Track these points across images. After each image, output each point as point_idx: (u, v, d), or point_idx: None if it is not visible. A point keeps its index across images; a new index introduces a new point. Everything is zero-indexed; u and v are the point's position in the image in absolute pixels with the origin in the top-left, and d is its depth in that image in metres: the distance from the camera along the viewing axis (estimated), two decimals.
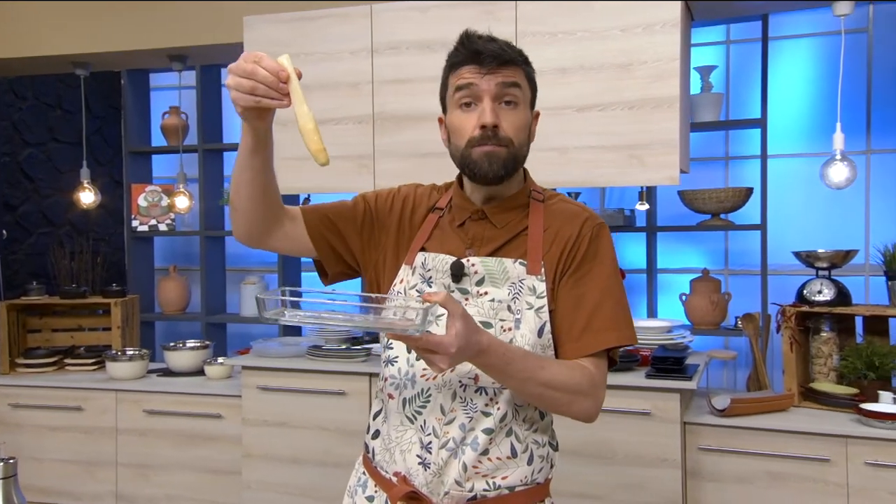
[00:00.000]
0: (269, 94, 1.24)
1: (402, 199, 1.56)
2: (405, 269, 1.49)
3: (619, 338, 1.39)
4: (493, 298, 1.39)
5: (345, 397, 3.11)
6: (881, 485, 2.54)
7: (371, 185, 3.21)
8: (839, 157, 2.78)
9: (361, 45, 3.18)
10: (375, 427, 1.52)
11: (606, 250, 1.42)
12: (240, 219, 1.45)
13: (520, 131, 1.40)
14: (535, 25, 2.93)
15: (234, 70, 1.24)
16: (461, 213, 1.48)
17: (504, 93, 1.38)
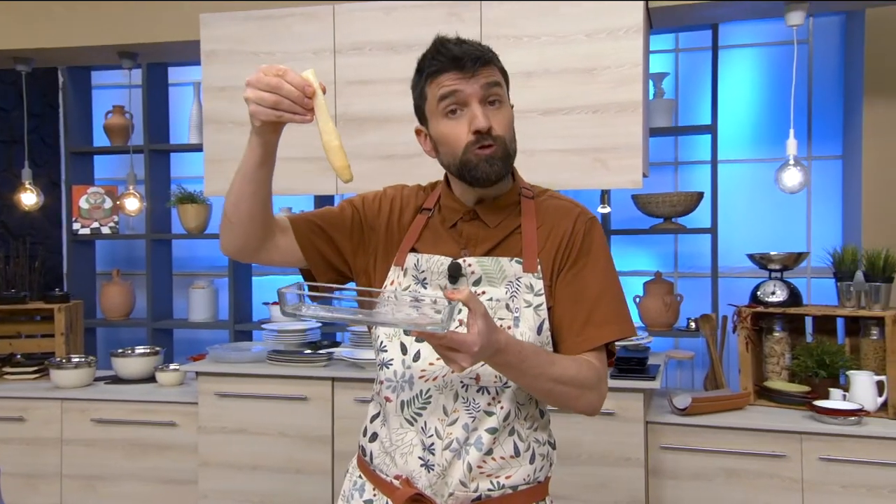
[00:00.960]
0: (293, 109, 1.24)
1: (390, 201, 1.54)
2: (395, 270, 1.47)
3: (620, 331, 1.40)
4: (491, 298, 1.39)
5: (306, 402, 3.06)
6: (834, 479, 2.64)
7: (334, 188, 3.18)
8: (792, 162, 2.88)
9: (324, 45, 3.14)
10: (373, 430, 1.50)
11: (600, 244, 1.44)
12: (235, 233, 1.41)
13: (508, 128, 1.40)
14: (501, 28, 2.95)
15: (256, 84, 1.23)
16: (452, 213, 1.47)
17: (489, 93, 1.37)
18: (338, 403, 3.04)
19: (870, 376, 2.74)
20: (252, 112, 1.25)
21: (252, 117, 1.26)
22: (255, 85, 1.23)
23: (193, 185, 4.26)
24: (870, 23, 3.40)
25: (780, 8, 2.89)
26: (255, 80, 1.23)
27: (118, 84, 4.59)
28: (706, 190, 3.57)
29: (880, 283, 2.79)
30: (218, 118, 3.27)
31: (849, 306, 2.85)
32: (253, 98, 1.23)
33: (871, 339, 2.84)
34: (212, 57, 3.26)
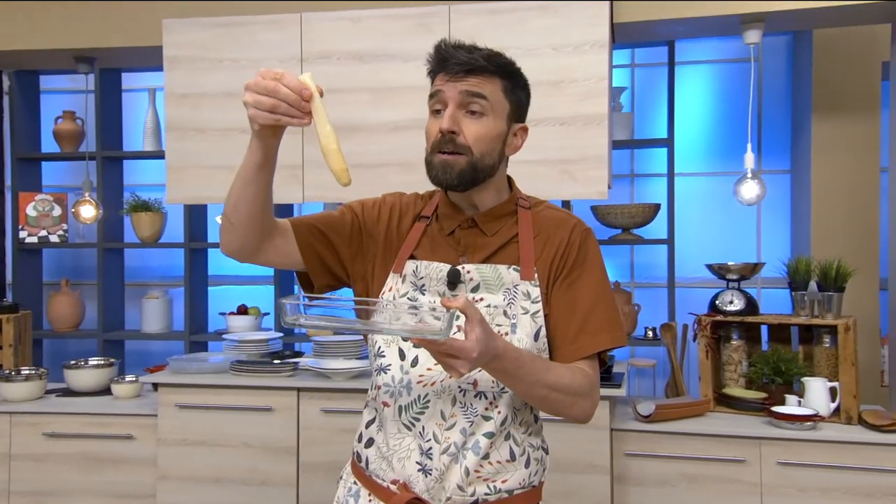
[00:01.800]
0: (291, 113, 1.24)
1: (389, 208, 1.55)
2: (393, 277, 1.48)
3: (613, 339, 1.43)
4: (489, 304, 1.41)
5: (271, 413, 3.02)
6: (791, 482, 2.72)
7: (300, 197, 3.15)
8: (750, 176, 2.98)
9: (291, 53, 3.13)
10: (369, 436, 1.50)
11: (595, 255, 1.47)
12: (234, 234, 1.40)
13: (481, 141, 1.39)
14: (469, 40, 2.96)
15: (253, 87, 1.23)
16: (450, 221, 1.49)
17: (468, 101, 1.38)
18: (303, 414, 3.01)
19: (823, 383, 2.83)
20: (251, 116, 1.25)
21: (251, 121, 1.26)
22: (253, 89, 1.23)
23: (148, 192, 4.18)
24: (817, 44, 3.55)
25: (736, 26, 2.99)
26: (252, 84, 1.23)
27: (68, 89, 4.47)
28: (663, 202, 3.65)
29: (832, 293, 2.90)
30: (180, 125, 3.23)
31: (803, 315, 2.95)
32: (251, 102, 1.24)
33: (823, 347, 2.95)
34: (175, 63, 3.21)
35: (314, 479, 2.99)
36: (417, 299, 1.44)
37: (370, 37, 3.07)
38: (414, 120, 3.03)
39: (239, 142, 3.16)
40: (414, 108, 3.02)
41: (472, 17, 2.99)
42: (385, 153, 3.05)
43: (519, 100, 1.46)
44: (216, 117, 3.18)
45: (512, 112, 1.45)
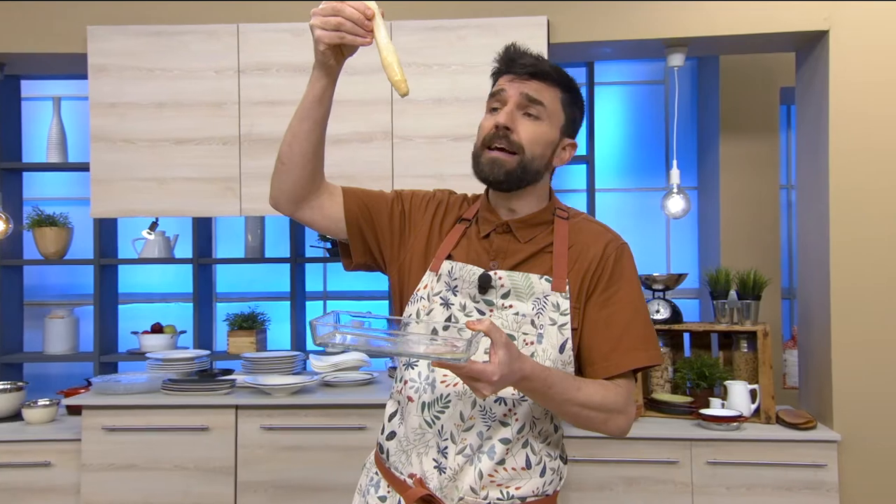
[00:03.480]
0: (355, 31, 1.31)
1: (437, 204, 1.58)
2: (430, 275, 1.51)
3: (648, 357, 1.45)
4: (518, 312, 1.44)
5: (207, 433, 2.94)
6: (720, 481, 2.89)
7: (237, 210, 3.10)
8: (676, 191, 3.16)
9: (227, 64, 3.08)
10: (391, 428, 1.52)
11: (631, 270, 1.49)
12: (286, 176, 1.46)
13: (534, 143, 1.44)
14: (410, 56, 3.03)
15: (320, 11, 1.30)
16: (486, 224, 1.52)
17: (528, 105, 1.44)
18: (242, 432, 2.95)
19: (744, 385, 3.03)
20: (317, 37, 1.31)
21: (316, 43, 1.32)
22: (320, 13, 1.30)
23: (51, 207, 3.97)
24: (724, 69, 3.81)
25: (660, 50, 3.18)
26: (319, 9, 1.30)
27: None
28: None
29: (751, 301, 3.12)
30: (107, 136, 3.11)
31: (724, 322, 3.16)
32: (317, 24, 1.30)
33: (742, 352, 3.16)
34: (101, 71, 3.10)
35: (253, 499, 2.93)
36: (449, 299, 1.47)
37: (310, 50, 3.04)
38: (356, 133, 3.05)
39: (172, 154, 3.09)
40: (356, 121, 3.03)
41: (415, 33, 3.05)
42: (327, 166, 3.01)
43: (574, 115, 1.51)
44: (147, 128, 3.09)
45: (566, 125, 1.50)
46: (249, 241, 3.87)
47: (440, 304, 1.48)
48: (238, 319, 3.82)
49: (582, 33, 3.06)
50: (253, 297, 4.12)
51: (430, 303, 1.49)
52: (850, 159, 2.92)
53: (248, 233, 3.86)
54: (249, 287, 4.18)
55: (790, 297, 4.16)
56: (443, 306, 1.48)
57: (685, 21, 3.03)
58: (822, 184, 3.00)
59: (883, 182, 2.91)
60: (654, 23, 3.04)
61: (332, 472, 2.92)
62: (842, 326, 2.94)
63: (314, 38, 1.32)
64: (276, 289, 4.13)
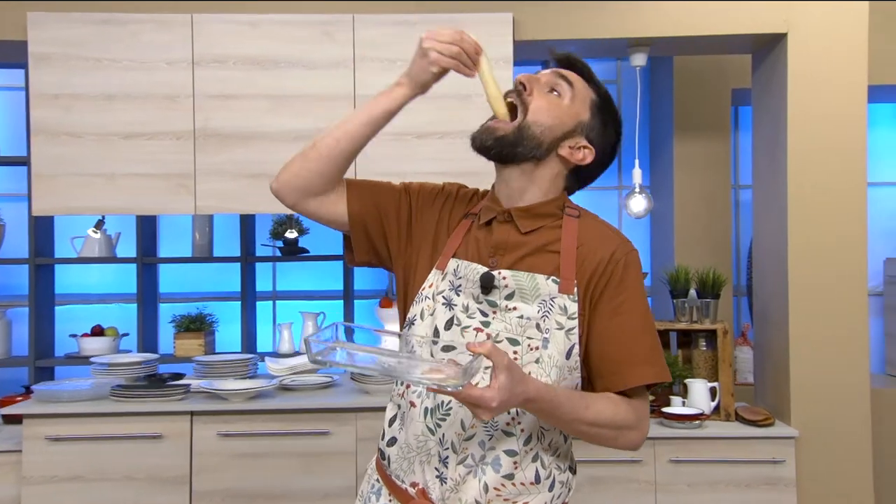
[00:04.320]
0: (467, 63, 1.40)
1: (445, 198, 1.53)
2: (436, 273, 1.46)
3: (657, 374, 1.38)
4: (522, 315, 1.37)
5: (160, 441, 2.83)
6: (681, 479, 2.92)
7: (191, 208, 2.98)
8: (638, 190, 3.18)
9: (181, 55, 2.95)
10: (391, 434, 1.46)
11: (639, 279, 1.43)
12: (316, 165, 1.45)
13: (541, 111, 1.40)
14: (373, 51, 2.96)
15: (437, 36, 1.38)
16: (488, 212, 1.46)
17: (555, 82, 1.43)
18: (197, 439, 2.84)
19: (704, 383, 3.07)
20: (434, 59, 1.38)
21: (430, 63, 1.38)
22: (436, 37, 1.37)
23: None
24: (677, 69, 3.86)
25: (624, 49, 3.20)
26: (436, 34, 1.38)
27: None
28: None
29: (710, 300, 3.16)
30: (49, 129, 2.94)
31: (684, 321, 3.19)
32: (436, 46, 1.37)
33: (701, 350, 3.20)
34: (42, 61, 2.93)
35: None
36: (452, 300, 1.42)
37: (269, 42, 2.97)
38: (317, 130, 2.92)
39: (121, 148, 2.95)
40: (316, 116, 2.95)
41: (377, 27, 2.98)
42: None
43: (600, 123, 1.46)
44: (94, 121, 2.94)
45: (588, 126, 1.45)
46: (197, 240, 3.74)
47: (442, 305, 1.43)
48: (185, 321, 3.69)
49: (547, 31, 3.04)
50: (199, 297, 3.99)
51: (433, 302, 1.44)
52: (807, 159, 2.99)
53: (195, 231, 3.73)
54: (195, 287, 4.04)
55: (738, 294, 4.24)
56: (445, 307, 1.43)
57: (649, 21, 3.05)
58: (781, 183, 3.06)
59: (840, 181, 2.98)
60: (619, 22, 3.05)
61: (292, 480, 2.84)
62: (799, 323, 3.00)
63: (429, 59, 1.38)
64: (222, 289, 4.01)
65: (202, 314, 3.73)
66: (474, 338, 1.38)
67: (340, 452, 2.87)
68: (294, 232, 3.66)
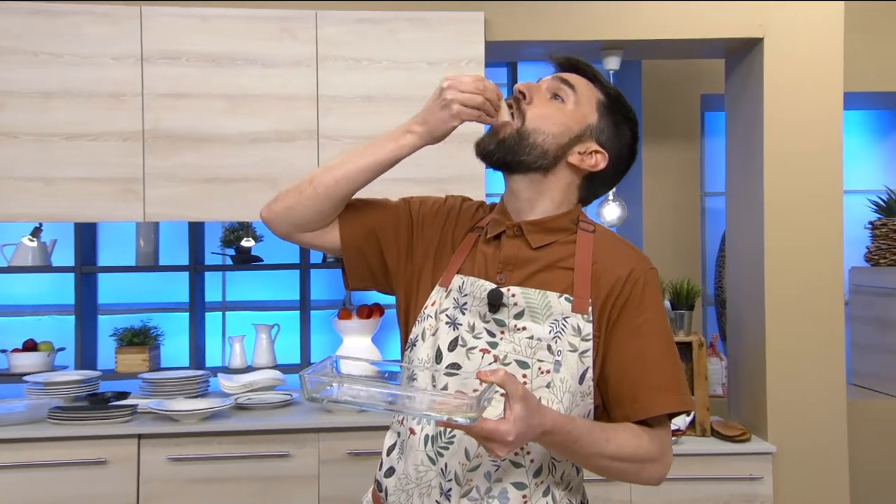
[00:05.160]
0: (490, 112, 1.32)
1: (447, 212, 1.47)
2: (439, 290, 1.39)
3: (681, 402, 1.31)
4: (532, 336, 1.30)
5: (104, 467, 2.67)
6: (660, 498, 2.88)
7: (140, 214, 2.83)
8: (612, 198, 3.14)
9: (128, 50, 2.81)
10: (389, 464, 1.38)
11: (659, 300, 1.36)
12: (314, 205, 1.40)
13: (541, 118, 1.34)
14: (338, 49, 2.87)
15: (458, 86, 1.30)
16: (496, 226, 1.40)
17: (558, 87, 1.38)
18: (145, 464, 2.70)
19: None
20: (456, 112, 1.31)
21: (453, 117, 1.32)
22: (459, 87, 1.30)
23: None
24: (646, 73, 3.84)
25: (598, 52, 3.16)
26: (457, 83, 1.30)
27: None
28: None
29: (685, 311, 3.14)
30: None
31: None
32: (459, 98, 1.29)
33: None
34: None
35: None
36: (456, 318, 1.35)
37: (226, 38, 2.85)
38: (277, 131, 2.86)
39: (62, 151, 2.79)
40: (276, 117, 2.85)
41: (342, 24, 2.89)
42: (244, 167, 2.84)
43: (611, 124, 1.39)
44: (31, 120, 2.77)
45: (596, 129, 1.38)
46: (142, 247, 3.57)
47: (446, 324, 1.35)
48: (128, 334, 3.51)
49: (519, 32, 2.99)
50: (142, 308, 3.81)
51: (436, 321, 1.37)
52: (784, 166, 2.98)
53: (139, 238, 3.57)
54: (138, 298, 3.86)
55: (705, 303, 4.24)
56: (449, 325, 1.35)
57: (623, 23, 3.02)
58: (757, 190, 3.05)
59: (817, 188, 2.99)
60: (593, 24, 3.01)
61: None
62: (776, 334, 2.99)
63: (451, 111, 1.31)
64: (168, 299, 3.84)
65: (146, 327, 3.56)
66: (480, 359, 1.31)
67: (301, 476, 2.76)
68: (251, 240, 3.53)
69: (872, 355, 3.73)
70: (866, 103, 4.00)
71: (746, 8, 3.00)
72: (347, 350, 3.42)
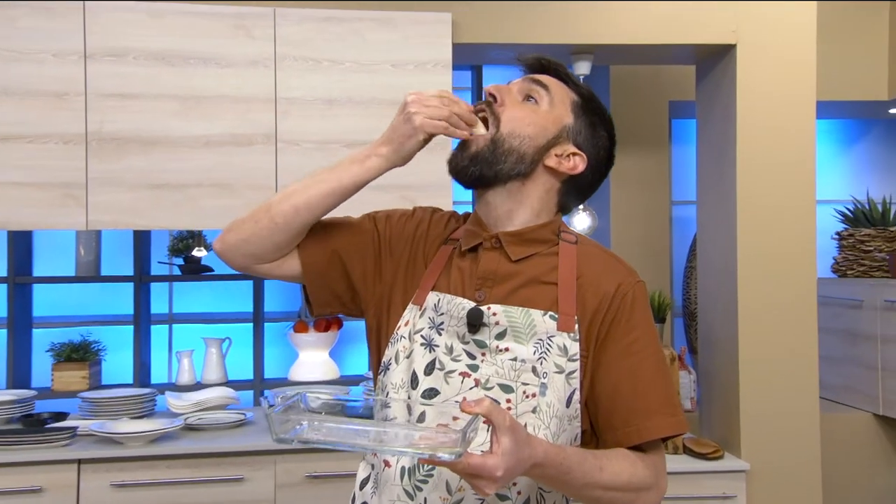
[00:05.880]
0: (459, 125, 1.27)
1: (416, 225, 1.40)
2: (412, 309, 1.33)
3: (676, 424, 1.26)
4: (516, 357, 1.24)
5: (40, 495, 2.54)
6: None
7: (83, 223, 2.70)
8: (582, 207, 3.11)
9: (70, 47, 2.68)
10: (362, 499, 1.32)
11: (648, 316, 1.32)
12: (272, 237, 1.34)
13: (516, 120, 1.29)
14: (297, 49, 2.78)
15: (425, 99, 1.26)
16: (472, 238, 1.34)
17: (530, 88, 1.33)
18: (86, 492, 2.59)
19: None
20: (419, 124, 1.25)
21: (415, 130, 1.26)
22: (423, 101, 1.26)
23: None
24: (614, 79, 3.82)
25: (567, 56, 3.12)
26: (420, 96, 1.27)
27: None
28: None
29: (657, 324, 3.11)
30: None
31: None
32: (426, 112, 1.25)
33: None
34: None
35: None
36: (433, 340, 1.28)
37: (177, 35, 2.74)
38: (231, 135, 2.76)
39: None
40: (231, 120, 2.75)
41: (302, 23, 2.81)
42: (195, 172, 2.74)
43: (586, 125, 1.34)
44: None
45: (573, 129, 1.33)
46: (82, 256, 3.43)
47: (421, 345, 1.29)
48: (66, 349, 3.37)
49: (487, 34, 2.94)
50: (82, 321, 3.66)
51: (410, 343, 1.30)
52: (757, 174, 2.98)
53: (80, 246, 3.42)
54: (77, 310, 3.71)
55: (673, 315, 4.23)
56: (425, 347, 1.28)
57: (594, 27, 3.00)
58: (729, 199, 3.04)
59: (791, 197, 2.99)
60: (563, 28, 2.99)
61: None
62: (749, 348, 2.98)
63: (415, 123, 1.25)
64: (110, 311, 3.69)
65: (86, 341, 3.42)
66: (460, 384, 1.24)
67: (256, 502, 2.67)
68: (203, 250, 3.41)
69: (840, 367, 3.76)
70: (831, 112, 4.05)
71: (720, 14, 3.00)
72: (304, 365, 3.33)
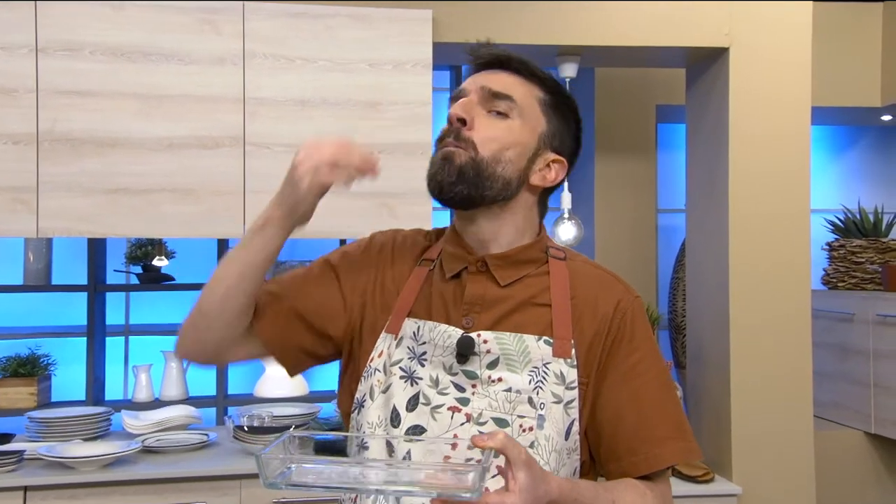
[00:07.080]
0: (364, 168, 1.22)
1: (379, 250, 1.34)
2: (386, 338, 1.27)
3: (686, 450, 1.24)
4: (510, 388, 1.19)
5: None
6: None
7: (33, 230, 2.61)
8: (567, 216, 3.08)
9: (20, 40, 2.61)
10: None
11: (649, 333, 1.28)
12: (211, 334, 1.29)
13: (492, 141, 1.23)
14: (268, 46, 2.73)
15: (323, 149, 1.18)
16: (455, 262, 1.28)
17: (492, 100, 1.24)
18: None
19: None
20: (305, 170, 1.17)
21: (307, 192, 1.18)
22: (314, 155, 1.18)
23: None
24: (599, 82, 3.79)
25: (553, 58, 3.09)
26: (307, 155, 1.18)
27: None
28: None
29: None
30: None
31: None
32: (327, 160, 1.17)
33: None
34: None
35: None
36: (415, 372, 1.22)
37: (137, 30, 2.68)
38: (196, 137, 2.69)
39: None
40: (195, 121, 2.69)
41: (272, 18, 2.76)
42: (157, 175, 2.67)
43: (560, 125, 1.29)
44: None
45: (548, 134, 1.28)
46: (31, 264, 3.34)
47: (401, 378, 1.23)
48: (12, 363, 3.27)
49: (470, 33, 2.89)
50: (30, 333, 3.56)
51: (386, 376, 1.24)
52: (750, 182, 2.98)
53: (28, 252, 3.33)
54: (25, 321, 3.61)
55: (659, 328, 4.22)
56: (405, 381, 1.22)
57: (581, 28, 2.97)
58: (721, 207, 3.02)
59: (784, 205, 2.99)
60: (549, 28, 2.95)
61: None
62: (741, 366, 2.97)
63: (301, 189, 1.17)
64: (60, 322, 3.59)
65: (35, 355, 3.33)
66: (450, 420, 1.19)
67: None
68: (164, 259, 3.33)
69: (831, 384, 3.76)
70: (823, 118, 4.06)
71: (713, 16, 2.98)
72: (271, 380, 3.27)
